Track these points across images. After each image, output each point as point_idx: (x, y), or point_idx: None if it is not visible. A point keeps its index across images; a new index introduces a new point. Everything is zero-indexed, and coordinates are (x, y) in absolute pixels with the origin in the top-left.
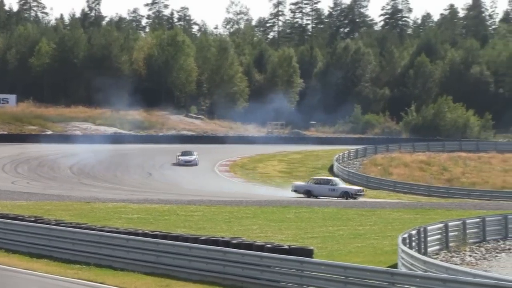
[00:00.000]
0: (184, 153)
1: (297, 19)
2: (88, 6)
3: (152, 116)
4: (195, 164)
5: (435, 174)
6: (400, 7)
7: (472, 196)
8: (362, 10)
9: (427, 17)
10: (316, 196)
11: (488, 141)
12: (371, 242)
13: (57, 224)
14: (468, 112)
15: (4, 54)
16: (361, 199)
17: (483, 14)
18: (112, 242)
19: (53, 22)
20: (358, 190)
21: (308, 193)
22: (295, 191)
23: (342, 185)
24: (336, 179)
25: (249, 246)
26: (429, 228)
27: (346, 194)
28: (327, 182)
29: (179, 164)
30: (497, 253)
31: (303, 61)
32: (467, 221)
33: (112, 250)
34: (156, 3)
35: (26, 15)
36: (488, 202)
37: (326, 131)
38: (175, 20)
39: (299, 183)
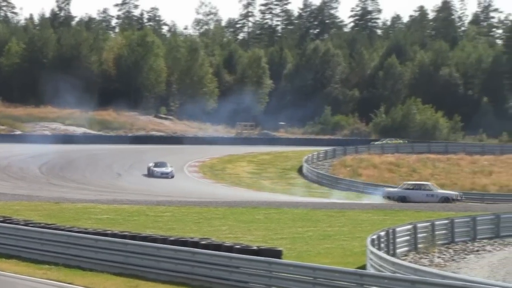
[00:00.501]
0: (158, 165)
1: (267, 20)
2: (58, 6)
3: (121, 117)
4: (172, 177)
5: (404, 176)
6: (369, 8)
7: None
8: (331, 11)
9: (396, 18)
10: (402, 201)
11: (457, 143)
12: (340, 243)
13: (26, 224)
14: (437, 114)
15: None
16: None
17: (453, 16)
18: (81, 242)
19: (22, 22)
20: (458, 195)
21: (403, 199)
22: (388, 197)
23: (438, 190)
24: (429, 184)
25: (218, 247)
26: (398, 229)
27: (446, 200)
28: (421, 187)
29: (153, 176)
30: (465, 254)
31: (272, 62)
32: (436, 222)
33: (81, 250)
34: (126, 3)
35: None
36: (457, 203)
37: (295, 132)
38: (145, 20)
39: (392, 189)
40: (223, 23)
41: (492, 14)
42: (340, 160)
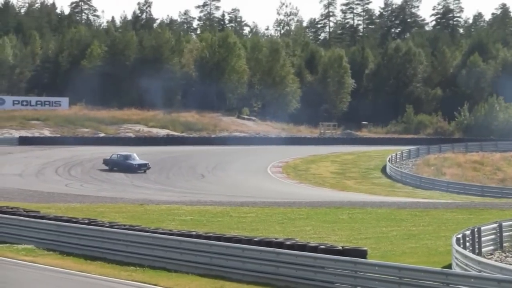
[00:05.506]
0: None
1: (348, 20)
2: (139, 9)
3: (204, 118)
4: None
5: (489, 174)
6: (451, 7)
7: None
8: (413, 10)
9: (478, 16)
10: None
11: None
12: (425, 242)
13: (111, 226)
14: None
15: (56, 57)
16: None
17: None
18: (166, 244)
19: (104, 24)
20: None
21: None
22: None
23: None
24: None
25: (303, 247)
26: (483, 228)
27: None
28: None
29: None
30: None
31: (354, 62)
32: None
33: (166, 252)
34: (207, 5)
35: (77, 18)
36: None
37: (378, 131)
38: (226, 21)
39: None
40: (304, 23)
41: None
42: (423, 159)
